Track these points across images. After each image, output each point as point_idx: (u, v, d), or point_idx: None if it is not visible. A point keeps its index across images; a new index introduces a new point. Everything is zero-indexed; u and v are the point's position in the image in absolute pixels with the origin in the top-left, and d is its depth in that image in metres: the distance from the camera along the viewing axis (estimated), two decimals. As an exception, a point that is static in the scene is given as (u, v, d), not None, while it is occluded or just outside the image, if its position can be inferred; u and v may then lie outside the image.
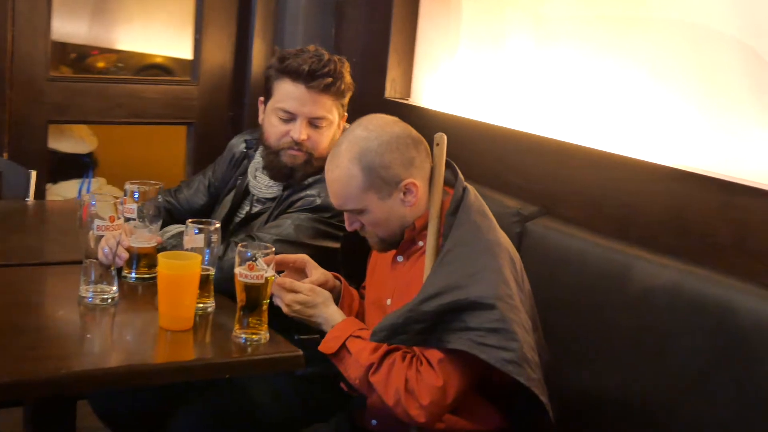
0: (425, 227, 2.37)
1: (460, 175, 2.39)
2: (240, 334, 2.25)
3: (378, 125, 2.36)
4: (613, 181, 2.86)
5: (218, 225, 2.41)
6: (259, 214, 2.87)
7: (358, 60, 4.08)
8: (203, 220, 2.44)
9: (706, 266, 2.50)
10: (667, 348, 2.44)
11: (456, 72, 3.67)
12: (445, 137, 2.39)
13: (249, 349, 2.23)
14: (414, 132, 2.38)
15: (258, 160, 2.95)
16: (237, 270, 2.24)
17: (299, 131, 2.74)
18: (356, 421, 2.51)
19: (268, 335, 2.26)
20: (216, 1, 4.18)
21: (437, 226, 2.34)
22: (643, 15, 2.88)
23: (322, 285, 2.45)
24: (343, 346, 2.31)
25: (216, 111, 4.22)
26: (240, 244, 2.27)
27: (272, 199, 2.86)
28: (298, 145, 2.75)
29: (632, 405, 2.51)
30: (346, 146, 2.34)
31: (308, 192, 2.77)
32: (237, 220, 2.91)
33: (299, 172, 2.79)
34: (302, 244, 2.67)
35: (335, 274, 2.54)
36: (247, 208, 2.93)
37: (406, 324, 2.20)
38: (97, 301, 2.37)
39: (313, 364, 2.33)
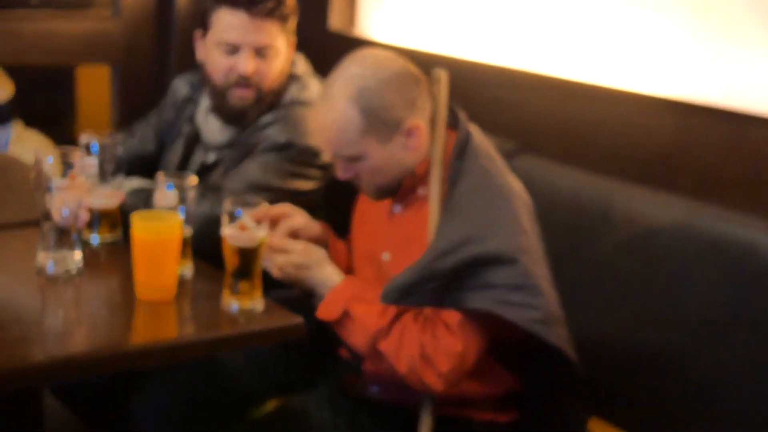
0: (427, 174, 2.13)
1: (462, 116, 2.16)
2: (231, 302, 1.99)
3: (375, 61, 2.11)
4: (603, 115, 2.66)
5: (195, 180, 2.14)
6: (215, 165, 2.61)
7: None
8: (176, 173, 2.15)
9: (716, 203, 2.30)
10: (680, 294, 2.25)
11: None
12: (446, 74, 2.15)
13: (242, 320, 1.97)
14: (414, 68, 2.14)
15: (206, 102, 2.67)
16: (226, 232, 1.97)
17: (245, 63, 2.49)
18: (349, 388, 2.28)
19: (263, 302, 2.01)
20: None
21: (441, 172, 2.11)
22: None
23: (315, 240, 2.20)
24: (345, 311, 2.07)
25: (142, 48, 3.87)
26: (227, 201, 2.00)
27: (228, 146, 2.60)
28: (245, 80, 2.50)
29: (642, 357, 2.32)
30: (340, 85, 2.08)
31: (269, 131, 2.53)
32: (191, 170, 2.63)
33: (251, 112, 2.55)
34: (273, 188, 2.46)
35: (322, 223, 2.29)
36: (201, 158, 2.66)
37: (420, 283, 1.97)
38: (60, 272, 2.07)
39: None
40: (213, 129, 2.62)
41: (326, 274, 2.13)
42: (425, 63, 2.26)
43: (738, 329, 2.15)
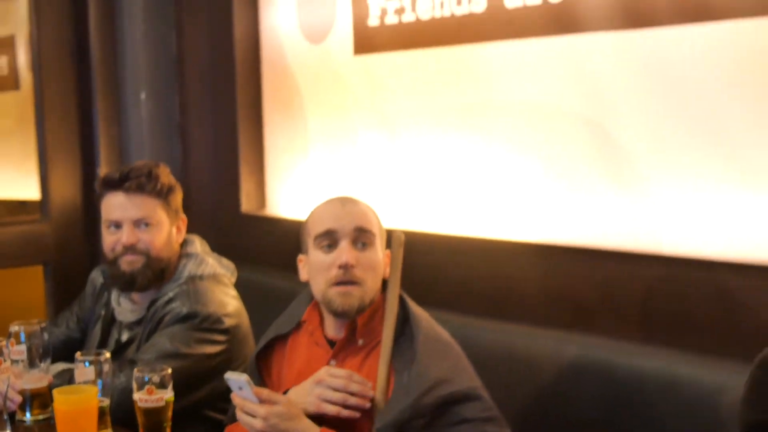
0: (366, 325, 2.34)
1: None
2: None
3: None
4: (481, 264, 2.98)
5: (108, 355, 2.41)
6: (129, 342, 2.90)
7: (210, 177, 4.11)
8: (92, 351, 2.43)
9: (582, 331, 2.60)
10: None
11: (310, 175, 3.76)
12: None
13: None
14: None
15: None
16: (136, 396, 2.24)
17: (127, 235, 2.81)
18: None
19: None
20: (58, 134, 4.12)
21: (394, 320, 2.31)
22: (490, 99, 3.02)
23: None
24: None
25: (72, 247, 4.17)
26: (136, 369, 2.28)
27: (138, 323, 2.90)
28: (131, 249, 2.82)
29: None
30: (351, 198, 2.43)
31: (172, 306, 2.81)
32: (109, 349, 2.91)
33: (140, 277, 2.83)
34: (182, 355, 2.71)
35: None
36: (116, 336, 2.95)
37: (411, 419, 2.16)
38: (-8, 449, 2.32)
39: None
40: (125, 309, 2.93)
41: (306, 424, 2.21)
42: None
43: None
